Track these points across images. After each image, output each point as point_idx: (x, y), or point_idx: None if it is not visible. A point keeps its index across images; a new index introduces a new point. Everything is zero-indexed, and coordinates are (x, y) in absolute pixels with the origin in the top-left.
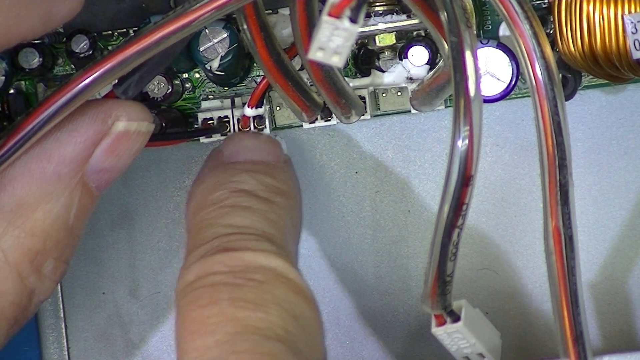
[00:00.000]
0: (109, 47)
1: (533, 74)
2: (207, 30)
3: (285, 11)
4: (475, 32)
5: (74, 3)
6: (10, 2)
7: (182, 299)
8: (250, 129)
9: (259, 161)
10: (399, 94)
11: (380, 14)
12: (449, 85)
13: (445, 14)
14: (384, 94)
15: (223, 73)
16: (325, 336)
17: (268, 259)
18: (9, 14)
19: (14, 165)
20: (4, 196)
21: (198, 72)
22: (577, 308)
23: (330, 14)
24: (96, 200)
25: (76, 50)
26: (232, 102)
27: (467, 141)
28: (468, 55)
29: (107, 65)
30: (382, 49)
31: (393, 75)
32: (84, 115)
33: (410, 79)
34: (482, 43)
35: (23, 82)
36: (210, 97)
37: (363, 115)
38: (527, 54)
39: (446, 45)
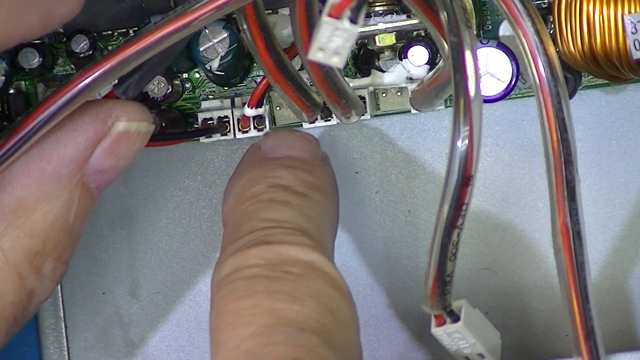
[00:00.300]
0: (109, 47)
1: (536, 71)
2: (207, 30)
3: (285, 11)
4: (475, 32)
5: (74, 3)
6: (10, 2)
7: (218, 291)
8: (250, 129)
9: (297, 157)
10: (399, 94)
11: (380, 14)
12: (449, 86)
13: (445, 14)
14: (384, 94)
15: (223, 73)
16: (360, 331)
17: (305, 253)
18: (8, 14)
19: (14, 166)
20: (3, 196)
21: (198, 72)
22: (588, 304)
23: (330, 15)
24: (96, 200)
25: (76, 50)
26: (232, 102)
27: (467, 141)
28: (468, 55)
29: (107, 65)
30: (382, 49)
31: (393, 75)
32: (83, 115)
33: (410, 79)
34: (482, 43)
35: (23, 82)
36: (210, 97)
37: (363, 115)
38: (530, 52)
39: (446, 45)
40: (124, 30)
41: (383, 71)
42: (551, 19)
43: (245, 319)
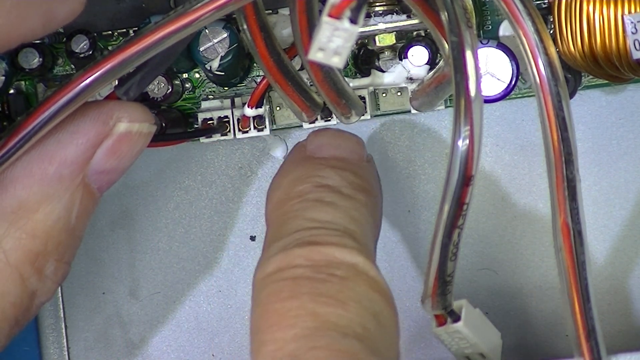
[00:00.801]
0: (109, 47)
1: (537, 70)
2: (207, 30)
3: (285, 11)
4: (475, 32)
5: (75, 4)
6: (11, 3)
7: (262, 290)
8: (250, 129)
9: (343, 158)
10: (399, 94)
11: (380, 14)
12: (449, 86)
13: (446, 13)
14: (384, 94)
15: (223, 73)
16: (400, 336)
17: (350, 255)
18: (9, 15)
19: (15, 167)
20: (5, 197)
21: (198, 72)
22: (589, 303)
23: (330, 15)
24: (98, 201)
25: (76, 50)
26: (232, 102)
27: (467, 141)
28: (469, 55)
29: (108, 66)
30: (382, 49)
31: (393, 75)
32: (85, 116)
33: (410, 79)
34: (482, 43)
35: (23, 82)
36: (210, 97)
37: (363, 115)
38: (530, 51)
39: (447, 45)
40: (124, 30)
41: (383, 71)
42: (551, 19)
43: (289, 321)
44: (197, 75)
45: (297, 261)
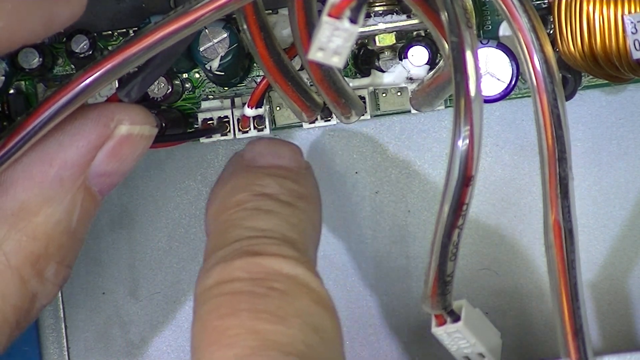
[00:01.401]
0: (109, 47)
1: (532, 67)
2: (207, 30)
3: (285, 11)
4: (475, 32)
5: (76, 7)
6: (13, 6)
7: (202, 304)
8: (250, 129)
9: (281, 166)
10: (399, 94)
11: (380, 14)
12: (449, 85)
13: (446, 13)
14: (384, 94)
15: (223, 73)
16: (344, 346)
17: (289, 266)
18: (10, 18)
19: (15, 169)
20: (5, 200)
21: (198, 72)
22: (577, 302)
23: (330, 15)
24: (99, 204)
25: (76, 51)
26: (232, 102)
27: (467, 141)
28: (469, 55)
29: (108, 66)
30: (382, 49)
31: (393, 75)
32: (86, 118)
33: (410, 79)
34: (482, 43)
35: (23, 82)
36: (210, 97)
37: (363, 115)
38: (526, 47)
39: (446, 45)
40: (124, 30)
41: (383, 71)
42: (551, 19)
43: (229, 340)
44: (197, 75)
45: (236, 274)
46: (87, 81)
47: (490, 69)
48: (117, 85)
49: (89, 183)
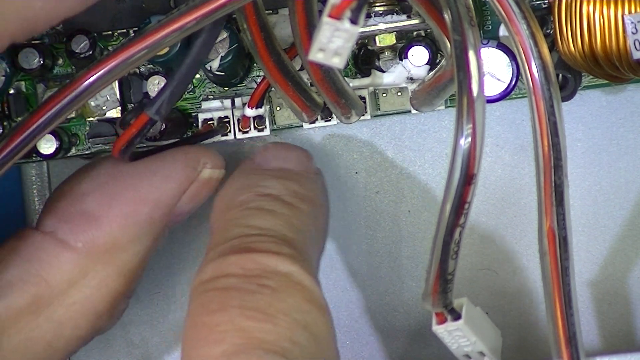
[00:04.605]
0: (109, 47)
1: (530, 73)
2: None
3: (285, 11)
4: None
5: None
6: None
7: (194, 298)
8: (250, 129)
9: (288, 169)
10: (399, 94)
11: (380, 14)
12: (450, 85)
13: (449, 12)
14: (384, 94)
15: (223, 73)
16: (337, 343)
17: (283, 264)
18: None
19: (111, 207)
20: (100, 235)
21: (198, 72)
22: (571, 309)
23: (330, 15)
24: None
25: (76, 51)
26: (232, 103)
27: (470, 139)
28: (471, 54)
29: (110, 65)
30: (382, 49)
31: (393, 75)
32: (175, 161)
33: (411, 79)
34: (482, 43)
35: (23, 82)
36: (210, 97)
37: (363, 115)
38: (524, 54)
39: (449, 44)
40: (124, 30)
41: (383, 71)
42: (551, 19)
43: (217, 336)
44: (197, 75)
45: (230, 269)
46: (89, 81)
47: (490, 69)
48: (117, 86)
49: (168, 222)
